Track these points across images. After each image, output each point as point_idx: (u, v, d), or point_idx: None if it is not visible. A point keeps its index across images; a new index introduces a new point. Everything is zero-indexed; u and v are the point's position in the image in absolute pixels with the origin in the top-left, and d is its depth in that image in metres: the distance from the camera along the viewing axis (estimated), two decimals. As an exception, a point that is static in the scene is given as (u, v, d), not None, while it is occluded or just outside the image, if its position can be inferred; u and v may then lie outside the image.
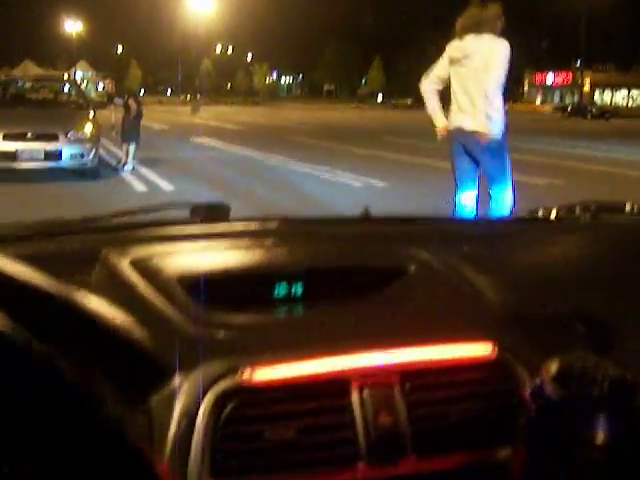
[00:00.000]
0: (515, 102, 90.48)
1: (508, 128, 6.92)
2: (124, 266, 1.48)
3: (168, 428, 1.17)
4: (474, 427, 1.34)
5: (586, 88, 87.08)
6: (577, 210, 2.13)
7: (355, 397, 1.29)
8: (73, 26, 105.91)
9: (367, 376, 1.31)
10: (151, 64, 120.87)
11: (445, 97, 7.25)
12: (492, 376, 1.38)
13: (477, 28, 6.78)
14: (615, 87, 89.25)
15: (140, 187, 13.58)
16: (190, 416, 1.18)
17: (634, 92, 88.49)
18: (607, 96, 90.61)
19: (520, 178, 14.77)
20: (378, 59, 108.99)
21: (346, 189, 13.40)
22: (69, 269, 1.40)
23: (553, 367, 1.16)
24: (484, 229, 2.09)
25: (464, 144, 7.05)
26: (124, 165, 15.82)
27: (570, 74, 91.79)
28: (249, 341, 1.33)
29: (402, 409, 1.30)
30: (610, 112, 60.35)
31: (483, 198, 7.17)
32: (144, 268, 1.48)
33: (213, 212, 1.83)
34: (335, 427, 1.27)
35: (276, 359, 1.26)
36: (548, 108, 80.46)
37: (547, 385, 1.15)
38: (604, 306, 1.57)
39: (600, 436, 1.11)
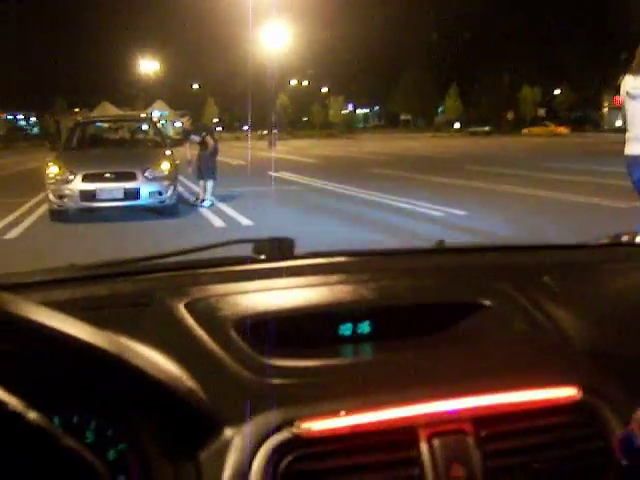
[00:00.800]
0: (596, 127, 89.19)
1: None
2: (179, 309, 1.40)
3: None
4: (558, 478, 1.23)
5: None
6: None
7: (424, 448, 1.19)
8: (149, 66, 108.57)
9: (437, 424, 1.21)
10: (227, 100, 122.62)
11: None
12: (576, 420, 1.28)
13: None
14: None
15: (218, 223, 13.57)
16: (242, 473, 1.10)
17: None
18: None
19: (604, 202, 14.55)
20: (454, 87, 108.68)
21: (426, 219, 13.17)
22: (119, 314, 1.35)
23: None
24: (565, 257, 1.94)
25: None
26: (202, 201, 15.88)
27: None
28: (307, 389, 1.25)
29: (477, 460, 1.20)
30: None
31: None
32: (199, 310, 1.40)
33: (277, 247, 1.72)
34: None
35: (337, 409, 1.18)
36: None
37: (637, 434, 1.06)
38: None
39: None
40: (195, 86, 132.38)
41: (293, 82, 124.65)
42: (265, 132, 75.88)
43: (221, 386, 1.19)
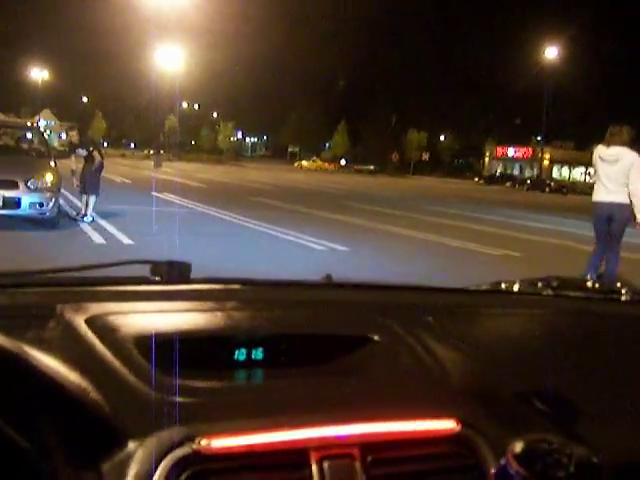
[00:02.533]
0: (477, 175, 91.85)
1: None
2: (79, 324, 1.41)
3: None
4: None
5: (545, 163, 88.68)
6: (539, 285, 2.12)
7: (315, 470, 1.23)
8: (39, 74, 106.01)
9: (327, 447, 1.26)
10: (116, 117, 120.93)
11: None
12: (455, 451, 1.34)
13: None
14: (573, 164, 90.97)
15: (98, 239, 13.40)
16: None
17: (591, 170, 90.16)
18: (565, 172, 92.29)
19: (479, 249, 15.05)
20: (343, 124, 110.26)
21: (308, 252, 13.34)
22: (22, 324, 1.34)
23: (518, 446, 1.12)
24: (448, 299, 2.04)
25: None
26: (83, 217, 15.63)
27: (530, 149, 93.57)
28: (208, 408, 1.27)
29: None
30: (567, 187, 61.34)
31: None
32: (100, 327, 1.41)
33: (174, 270, 1.73)
34: None
35: (235, 428, 1.21)
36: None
37: (511, 465, 1.11)
38: (567, 386, 1.56)
39: None
40: (84, 99, 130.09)
41: (184, 105, 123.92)
42: (152, 152, 75.21)
43: (125, 401, 1.21)
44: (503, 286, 2.17)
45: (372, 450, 1.28)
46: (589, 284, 2.21)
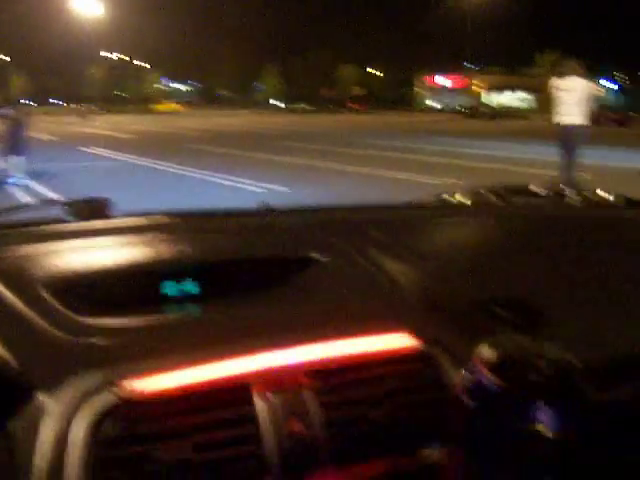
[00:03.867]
0: (409, 107, 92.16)
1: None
2: None
3: (33, 457, 0.98)
4: (398, 428, 1.20)
5: (477, 90, 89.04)
6: (485, 193, 2.06)
7: (260, 404, 1.13)
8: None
9: (271, 379, 1.16)
10: (37, 72, 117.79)
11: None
12: (415, 369, 1.26)
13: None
14: (505, 89, 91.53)
15: (28, 201, 12.82)
16: (59, 442, 1.00)
17: (524, 94, 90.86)
18: (498, 98, 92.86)
19: (424, 179, 14.90)
20: (274, 64, 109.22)
21: (247, 195, 13.03)
22: None
23: (488, 354, 1.06)
24: (393, 215, 1.98)
25: None
26: (10, 177, 15.03)
27: (461, 77, 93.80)
28: (130, 347, 1.17)
29: (316, 413, 1.15)
30: (501, 113, 61.79)
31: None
32: (4, 271, 1.33)
33: (91, 208, 1.67)
34: (238, 440, 1.11)
35: (163, 366, 1.11)
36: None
37: (483, 376, 1.04)
38: (524, 291, 1.50)
39: (548, 427, 1.00)
40: (3, 57, 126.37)
41: (106, 55, 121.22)
42: (77, 106, 73.56)
43: (31, 349, 1.11)
44: (445, 197, 2.11)
45: (322, 376, 1.19)
46: (534, 188, 2.17)
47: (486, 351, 1.05)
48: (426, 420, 1.22)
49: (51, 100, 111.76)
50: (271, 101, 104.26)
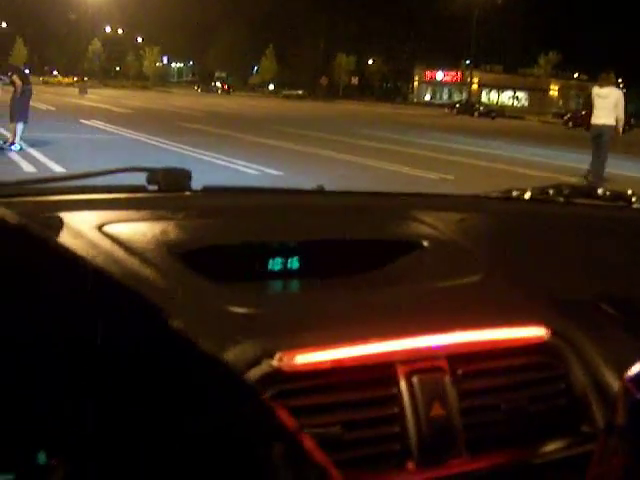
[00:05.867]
0: (405, 100, 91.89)
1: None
2: (92, 232, 1.24)
3: None
4: (527, 420, 1.22)
5: (474, 87, 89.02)
6: (550, 192, 2.02)
7: (404, 385, 1.14)
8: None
9: (414, 361, 1.16)
10: (38, 43, 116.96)
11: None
12: (545, 360, 1.27)
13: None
14: (502, 88, 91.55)
15: (29, 168, 13.10)
16: None
17: (519, 93, 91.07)
18: (494, 96, 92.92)
19: (414, 172, 15.13)
20: (271, 48, 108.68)
21: (242, 176, 13.26)
22: (28, 234, 1.11)
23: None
24: (460, 205, 1.88)
25: None
26: (11, 145, 15.22)
27: (459, 73, 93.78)
28: (283, 320, 1.14)
29: (455, 399, 1.16)
30: (496, 111, 61.78)
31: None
32: (120, 235, 1.24)
33: (174, 178, 1.55)
34: (382, 420, 1.12)
35: (320, 341, 1.09)
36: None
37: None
38: (624, 288, 1.50)
39: None
40: (3, 25, 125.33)
41: (108, 29, 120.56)
42: (76, 79, 73.26)
43: (188, 318, 0.91)
44: (514, 194, 2.05)
45: (461, 362, 1.19)
46: (600, 192, 2.08)
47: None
48: (553, 413, 1.23)
49: (51, 71, 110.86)
50: (270, 87, 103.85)
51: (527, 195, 2.02)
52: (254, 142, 20.34)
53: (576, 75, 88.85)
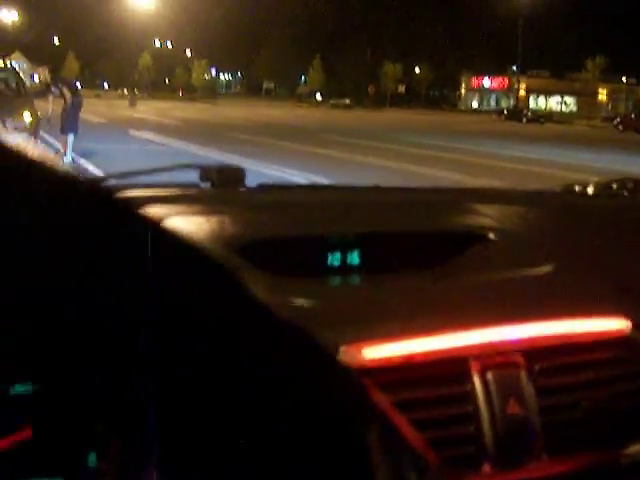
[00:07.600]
0: (453, 107, 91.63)
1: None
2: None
3: None
4: (608, 418, 1.15)
5: (521, 93, 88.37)
6: (614, 186, 1.96)
7: (477, 382, 1.08)
8: (8, 15, 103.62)
9: (488, 355, 1.09)
10: (89, 57, 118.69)
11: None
12: (624, 354, 1.20)
13: None
14: (549, 93, 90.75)
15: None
16: None
17: (567, 98, 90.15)
18: (541, 101, 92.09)
19: (462, 179, 15.02)
20: (318, 58, 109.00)
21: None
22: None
23: None
24: (520, 200, 1.80)
25: None
26: (62, 156, 15.38)
27: (506, 79, 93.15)
28: (347, 313, 1.09)
29: (531, 396, 1.10)
30: (545, 117, 61.27)
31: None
32: (176, 231, 1.15)
33: (228, 176, 1.54)
34: (456, 420, 1.06)
35: (388, 332, 1.03)
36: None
37: None
38: None
39: None
40: (56, 41, 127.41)
41: (157, 43, 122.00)
42: (126, 91, 74.20)
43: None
44: (576, 188, 2.01)
45: (538, 357, 1.12)
46: None
47: None
48: (636, 411, 1.17)
49: (102, 85, 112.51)
50: (317, 97, 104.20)
51: (590, 190, 1.97)
52: (303, 151, 20.41)
53: (624, 79, 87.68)
